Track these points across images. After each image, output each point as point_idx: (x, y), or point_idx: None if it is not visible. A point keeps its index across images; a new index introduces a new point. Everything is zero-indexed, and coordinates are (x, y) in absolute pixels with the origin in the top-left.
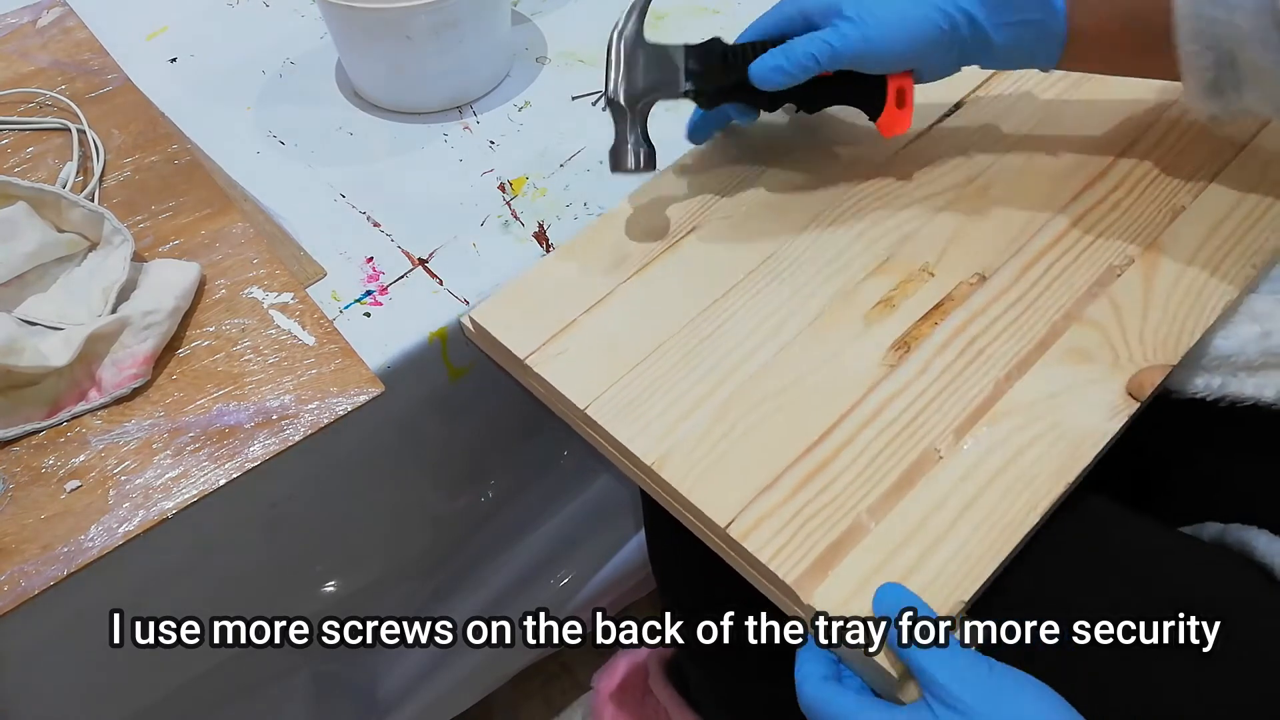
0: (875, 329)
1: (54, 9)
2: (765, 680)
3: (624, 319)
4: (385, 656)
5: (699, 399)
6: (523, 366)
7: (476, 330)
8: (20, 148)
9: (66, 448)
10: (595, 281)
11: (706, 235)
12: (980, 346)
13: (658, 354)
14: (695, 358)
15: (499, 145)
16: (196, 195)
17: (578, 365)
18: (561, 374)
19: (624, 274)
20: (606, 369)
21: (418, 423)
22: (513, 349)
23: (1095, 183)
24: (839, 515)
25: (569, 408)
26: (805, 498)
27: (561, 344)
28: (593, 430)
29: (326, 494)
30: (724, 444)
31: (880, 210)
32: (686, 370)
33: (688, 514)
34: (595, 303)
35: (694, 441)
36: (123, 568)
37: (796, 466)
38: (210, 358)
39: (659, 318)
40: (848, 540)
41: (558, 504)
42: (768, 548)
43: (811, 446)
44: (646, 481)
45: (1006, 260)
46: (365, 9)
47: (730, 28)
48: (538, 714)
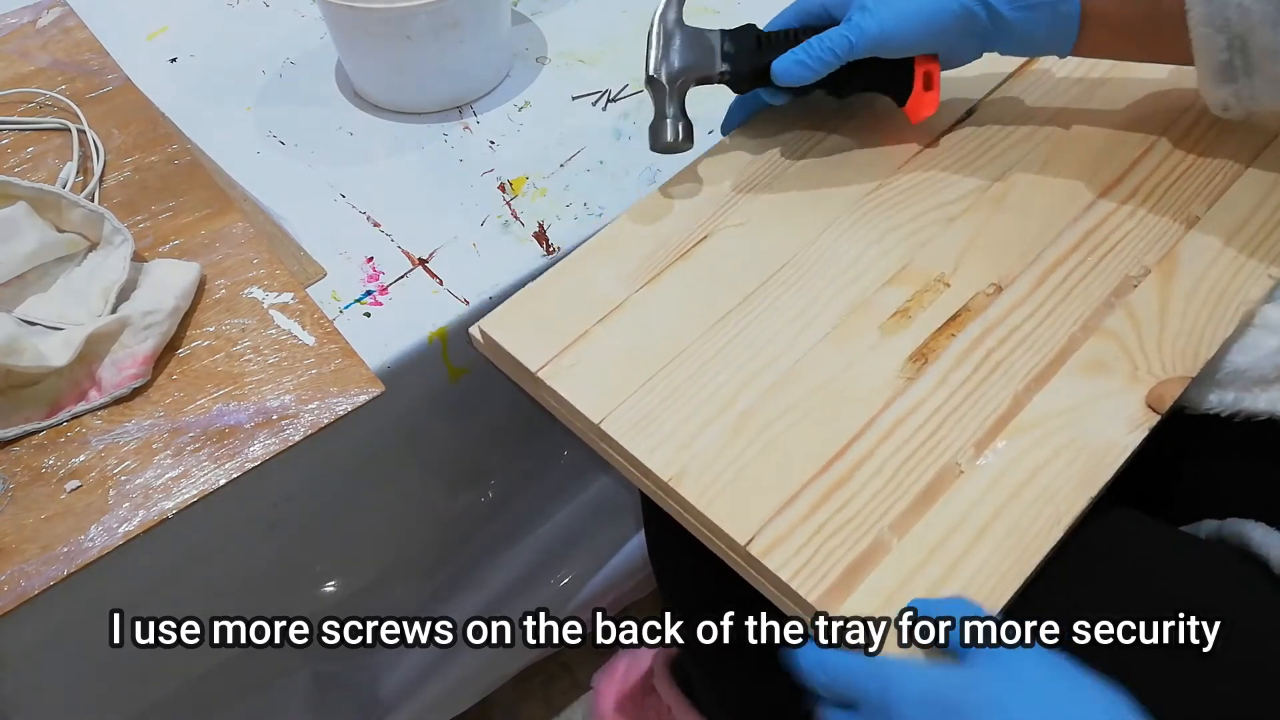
0: (892, 340)
1: (54, 9)
2: (766, 680)
3: (637, 330)
4: (385, 656)
5: (715, 412)
6: (534, 379)
7: (486, 341)
8: (20, 148)
9: (67, 448)
10: (607, 291)
11: (718, 243)
12: (998, 359)
13: (672, 366)
14: (710, 370)
15: (499, 145)
16: (196, 195)
17: (591, 377)
18: (574, 387)
19: (636, 283)
20: (620, 381)
21: (418, 423)
22: (524, 361)
23: (1110, 190)
24: (861, 532)
25: (583, 422)
26: (826, 514)
27: (574, 355)
28: (607, 445)
29: (326, 494)
30: (742, 459)
31: (894, 217)
32: (702, 383)
33: (705, 530)
34: (608, 313)
35: (711, 456)
36: (123, 568)
37: (816, 482)
38: (210, 358)
39: (673, 328)
40: (870, 558)
41: (558, 504)
42: (789, 566)
43: (831, 461)
44: (662, 497)
45: (1023, 270)
46: (365, 9)
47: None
48: (538, 714)
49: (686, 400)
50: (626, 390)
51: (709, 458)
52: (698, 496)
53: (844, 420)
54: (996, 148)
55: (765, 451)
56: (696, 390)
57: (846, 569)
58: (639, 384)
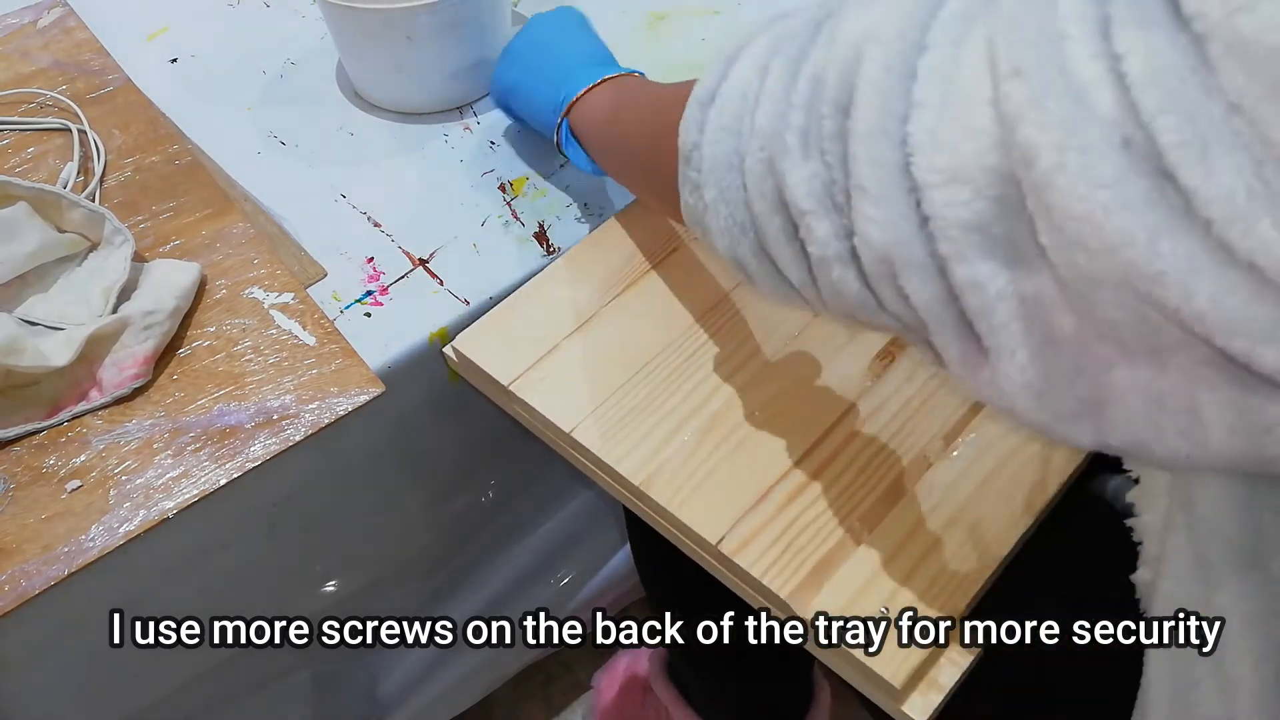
0: (858, 341)
1: (54, 9)
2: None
3: (607, 341)
4: (385, 656)
5: (684, 418)
6: (506, 393)
7: (460, 359)
8: (21, 148)
9: (67, 448)
10: (577, 305)
11: (686, 255)
12: None
13: (641, 374)
14: (679, 377)
15: (499, 145)
16: (197, 195)
17: (562, 389)
18: (545, 398)
19: (606, 297)
20: (591, 392)
21: (418, 423)
22: (495, 375)
23: None
24: (830, 526)
25: (554, 432)
26: (795, 510)
27: (545, 369)
28: (578, 453)
29: (326, 494)
30: (711, 461)
31: None
32: (671, 390)
33: (677, 532)
34: (578, 327)
35: (681, 460)
36: (123, 568)
37: (785, 480)
38: (211, 358)
39: (642, 339)
40: (840, 551)
41: (558, 504)
42: (760, 563)
43: (800, 459)
44: (635, 502)
45: None
46: (365, 9)
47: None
48: (538, 714)
49: (656, 406)
50: (597, 399)
51: (679, 460)
52: (669, 499)
53: (812, 420)
54: None
55: (734, 453)
56: (666, 396)
57: (817, 563)
58: (609, 393)
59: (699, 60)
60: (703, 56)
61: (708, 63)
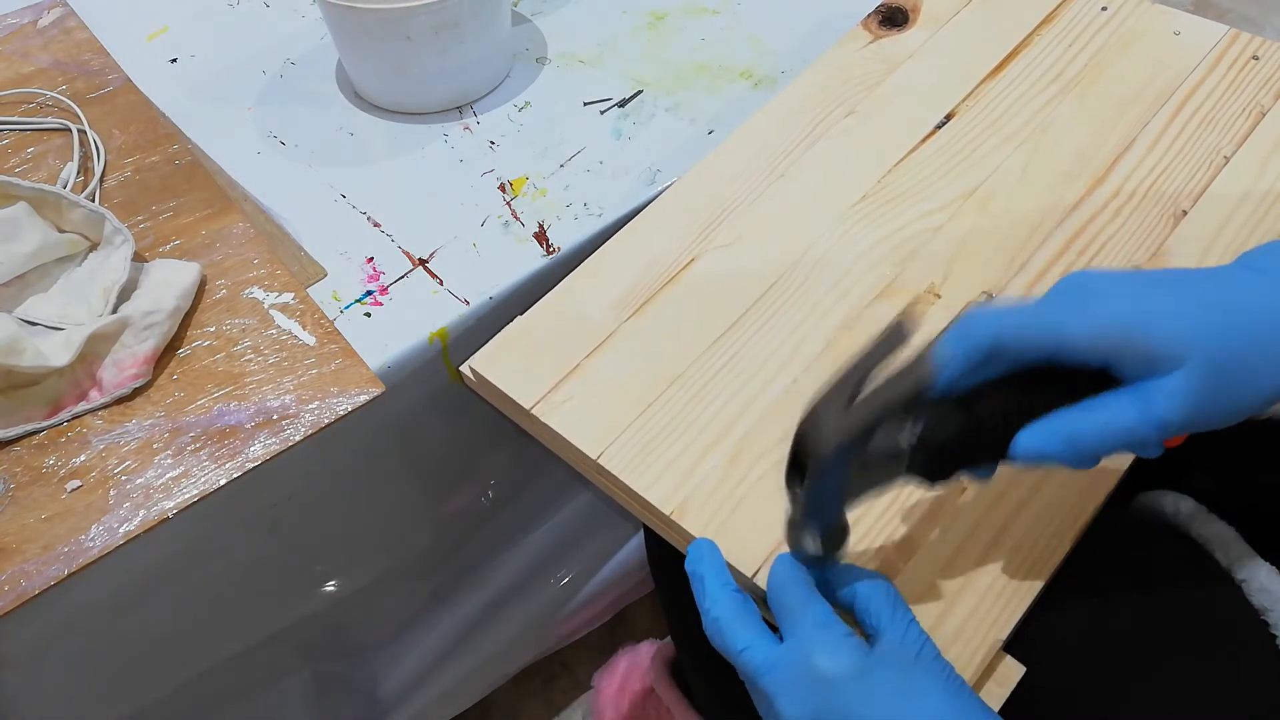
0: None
1: (54, 9)
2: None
3: (630, 359)
4: (385, 656)
5: (713, 440)
6: (529, 416)
7: (478, 380)
8: (21, 148)
9: (67, 448)
10: (596, 321)
11: (706, 266)
12: None
13: (667, 395)
14: (705, 397)
15: (499, 145)
16: (197, 195)
17: (586, 411)
18: (569, 422)
19: (625, 312)
20: (616, 414)
21: (418, 423)
22: (517, 399)
23: (1095, 189)
24: (867, 556)
25: (580, 457)
26: None
27: (567, 390)
28: (605, 479)
29: (326, 494)
30: (743, 487)
31: (881, 228)
32: (698, 411)
33: None
34: (598, 344)
35: (712, 486)
36: (123, 568)
37: None
38: (211, 358)
39: (665, 356)
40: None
41: (558, 504)
42: None
43: None
44: (664, 529)
45: (1012, 277)
46: (365, 9)
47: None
48: (538, 714)
49: (684, 429)
50: (623, 422)
51: (710, 488)
52: (701, 530)
53: None
54: (977, 152)
55: (765, 479)
56: (694, 418)
57: None
58: (635, 415)
59: (699, 60)
60: (703, 57)
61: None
